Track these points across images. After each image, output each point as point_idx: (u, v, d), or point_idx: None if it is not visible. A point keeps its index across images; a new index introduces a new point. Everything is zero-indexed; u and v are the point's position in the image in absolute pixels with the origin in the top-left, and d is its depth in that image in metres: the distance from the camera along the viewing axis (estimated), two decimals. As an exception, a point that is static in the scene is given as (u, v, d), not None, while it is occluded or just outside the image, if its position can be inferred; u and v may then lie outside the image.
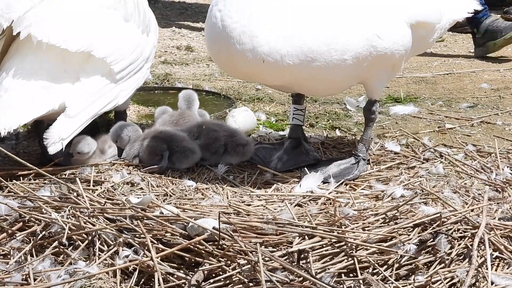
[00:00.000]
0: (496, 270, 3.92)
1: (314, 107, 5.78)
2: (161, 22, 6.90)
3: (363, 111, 4.82)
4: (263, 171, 4.64)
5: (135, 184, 4.43)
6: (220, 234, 3.75)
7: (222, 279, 3.69)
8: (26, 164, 4.32)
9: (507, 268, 3.97)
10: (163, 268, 3.73)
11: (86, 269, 3.76)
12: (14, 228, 4.04)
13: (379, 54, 4.44)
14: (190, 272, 3.73)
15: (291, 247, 3.81)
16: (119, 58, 4.69)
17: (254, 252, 3.69)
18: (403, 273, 3.88)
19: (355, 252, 3.84)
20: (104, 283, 3.72)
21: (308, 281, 3.67)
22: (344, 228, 3.95)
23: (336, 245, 3.86)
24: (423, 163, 4.81)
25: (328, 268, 3.79)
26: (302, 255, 3.80)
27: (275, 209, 4.21)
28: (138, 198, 4.13)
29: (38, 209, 4.09)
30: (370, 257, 3.85)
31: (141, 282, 3.75)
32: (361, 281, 3.77)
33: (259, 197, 4.39)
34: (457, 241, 3.98)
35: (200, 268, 3.72)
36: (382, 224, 4.02)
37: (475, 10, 5.15)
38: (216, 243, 3.77)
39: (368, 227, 3.99)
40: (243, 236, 3.80)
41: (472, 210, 4.13)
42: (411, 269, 3.89)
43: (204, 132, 4.71)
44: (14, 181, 4.36)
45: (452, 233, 3.99)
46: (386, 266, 3.85)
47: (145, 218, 3.92)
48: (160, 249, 3.80)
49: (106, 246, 3.87)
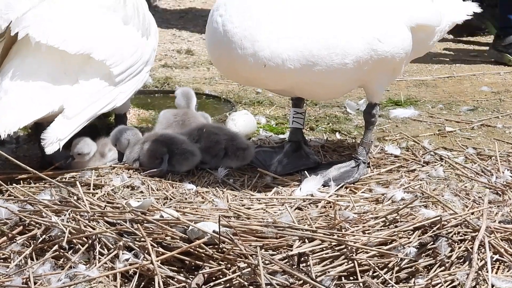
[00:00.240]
0: (496, 273, 3.93)
1: (314, 111, 5.79)
2: (161, 26, 6.90)
3: (363, 114, 4.82)
4: (263, 175, 4.64)
5: (135, 188, 4.43)
6: (220, 237, 3.76)
7: (222, 282, 3.70)
8: (26, 168, 4.31)
9: (508, 271, 3.97)
10: (163, 272, 3.73)
11: (86, 272, 3.77)
12: (14, 231, 4.04)
13: (380, 57, 4.44)
14: (190, 276, 3.74)
15: (291, 250, 3.81)
16: (119, 60, 4.68)
17: (254, 256, 3.69)
18: (403, 276, 3.88)
19: (355, 255, 3.85)
20: (105, 286, 3.73)
21: (308, 284, 3.68)
22: (344, 231, 3.96)
23: (336, 248, 3.86)
24: (423, 166, 4.82)
25: (328, 271, 3.80)
26: (302, 258, 3.81)
27: (275, 212, 4.22)
28: (138, 201, 4.13)
29: (38, 212, 4.09)
30: (370, 260, 3.85)
31: (141, 286, 3.76)
32: (361, 284, 3.78)
33: (259, 200, 4.39)
34: (457, 244, 3.98)
35: (200, 272, 3.72)
36: (382, 227, 4.02)
37: (474, 12, 5.16)
38: (216, 246, 3.78)
39: (368, 230, 3.99)
40: (243, 240, 3.81)
41: (472, 213, 4.14)
42: (411, 272, 3.90)
43: (205, 135, 4.71)
44: (14, 184, 4.37)
45: (452, 236, 4.00)
46: (386, 269, 3.86)
47: (145, 222, 3.93)
48: (160, 252, 3.80)
49: (106, 250, 3.88)
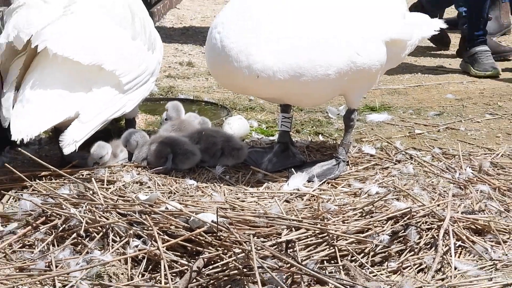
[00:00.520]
0: (459, 257, 3.96)
1: (299, 115, 5.80)
2: (165, 41, 6.89)
3: (343, 118, 4.84)
4: (256, 172, 4.65)
5: (144, 183, 4.45)
6: (218, 226, 3.78)
7: (220, 266, 3.71)
8: (47, 166, 4.36)
9: (469, 256, 4.00)
10: (168, 256, 3.76)
11: (101, 257, 3.79)
12: (38, 222, 4.07)
13: (358, 69, 4.45)
14: (192, 260, 3.76)
15: (280, 238, 3.83)
16: (127, 71, 4.67)
17: (247, 242, 3.71)
18: (378, 260, 3.92)
19: (336, 242, 3.87)
20: (117, 269, 3.74)
21: (294, 267, 3.69)
22: (326, 221, 3.98)
23: (319, 236, 3.88)
24: (395, 164, 4.83)
25: (312, 256, 3.82)
26: (290, 245, 3.84)
27: (266, 204, 4.24)
28: (146, 195, 4.16)
29: (58, 205, 4.12)
30: (349, 246, 3.88)
31: (149, 269, 3.78)
32: (341, 267, 3.80)
33: (252, 194, 4.41)
34: (425, 232, 4.02)
35: (200, 256, 3.74)
36: (360, 218, 4.04)
37: (440, 28, 5.18)
38: (214, 234, 3.80)
39: (347, 220, 4.01)
40: (238, 228, 3.83)
41: (438, 205, 4.17)
42: (385, 256, 3.93)
43: (204, 137, 4.72)
44: (37, 180, 4.38)
45: (420, 225, 4.03)
46: (363, 254, 3.89)
47: (152, 213, 3.95)
48: (166, 239, 3.83)
49: (118, 237, 3.90)
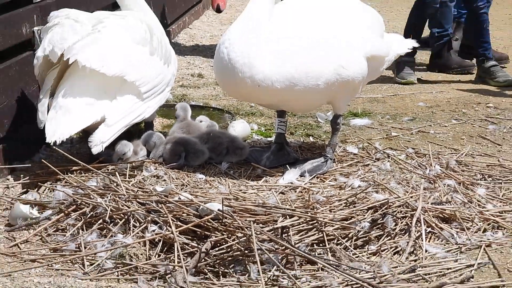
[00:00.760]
0: (429, 242, 3.97)
1: (293, 120, 5.80)
2: (179, 56, 6.90)
3: (330, 123, 4.84)
4: (256, 168, 4.65)
5: (160, 177, 4.43)
6: (223, 214, 3.79)
7: (225, 248, 3.72)
8: (78, 162, 4.36)
9: (437, 240, 4.01)
10: (181, 239, 3.76)
11: (123, 240, 3.81)
12: (69, 209, 4.07)
13: (344, 80, 4.45)
14: (201, 243, 3.76)
15: (276, 224, 3.84)
16: (146, 82, 4.66)
17: (248, 228, 3.71)
18: (360, 243, 3.92)
19: (324, 227, 3.88)
20: (137, 250, 3.76)
21: (289, 249, 3.71)
22: (316, 210, 3.99)
23: (310, 222, 3.89)
24: (375, 161, 4.83)
25: (304, 240, 3.83)
26: (284, 230, 3.84)
27: (264, 196, 4.24)
28: (162, 187, 4.16)
29: (87, 195, 4.12)
30: (335, 231, 3.89)
31: (164, 250, 3.78)
32: (328, 249, 3.81)
33: (252, 186, 4.41)
34: (400, 220, 4.02)
35: (208, 240, 3.75)
36: (344, 207, 4.04)
37: (413, 47, 5.19)
38: (220, 221, 3.80)
39: (334, 209, 4.01)
40: (240, 216, 3.84)
41: (411, 197, 4.17)
42: (366, 240, 3.93)
43: (211, 138, 4.72)
44: (69, 174, 4.38)
45: (396, 214, 4.04)
46: (347, 238, 3.89)
47: (167, 202, 3.95)
48: (179, 225, 3.83)
49: (138, 223, 3.90)
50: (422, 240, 3.92)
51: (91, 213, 4.01)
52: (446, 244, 3.97)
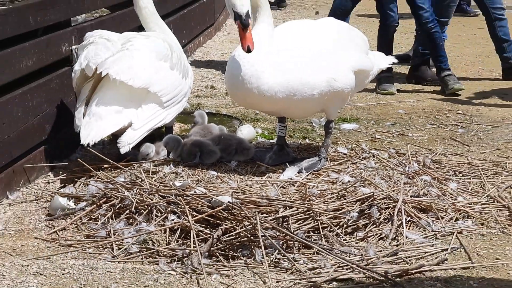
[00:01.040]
0: (409, 229, 3.91)
1: (292, 125, 5.77)
2: (194, 70, 6.88)
3: (324, 127, 4.81)
4: (260, 165, 4.59)
5: (178, 174, 4.39)
6: (232, 205, 3.75)
7: (234, 235, 3.68)
8: (108, 160, 4.34)
9: (416, 228, 3.96)
10: (196, 227, 3.72)
11: (147, 227, 3.78)
12: (100, 201, 4.05)
13: (335, 91, 4.42)
14: (213, 230, 3.72)
15: (278, 214, 3.80)
16: (166, 93, 4.64)
17: (254, 217, 3.68)
18: (349, 231, 3.87)
19: (319, 217, 3.84)
20: (158, 237, 3.73)
21: (288, 236, 3.67)
22: (312, 201, 3.94)
23: (307, 212, 3.85)
24: (362, 160, 4.77)
25: (302, 228, 3.79)
26: (285, 219, 3.80)
27: (267, 189, 4.19)
28: (180, 182, 4.12)
29: (116, 189, 4.09)
30: (328, 220, 3.84)
31: (182, 236, 3.75)
32: (322, 236, 3.77)
33: (257, 182, 4.36)
34: (384, 210, 3.97)
35: (219, 227, 3.71)
36: (336, 199, 4.00)
37: (393, 62, 5.16)
38: (230, 211, 3.76)
39: (327, 201, 3.97)
40: (247, 207, 3.79)
41: (393, 191, 4.12)
42: (354, 228, 3.88)
43: (222, 140, 4.68)
44: (101, 171, 4.35)
45: (380, 205, 3.99)
46: (338, 226, 3.85)
47: (184, 195, 3.91)
48: (194, 215, 3.79)
49: (159, 213, 3.87)
50: (403, 228, 3.87)
51: (119, 204, 3.98)
52: (423, 231, 3.92)
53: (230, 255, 3.63)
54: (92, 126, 4.37)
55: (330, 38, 4.51)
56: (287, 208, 3.84)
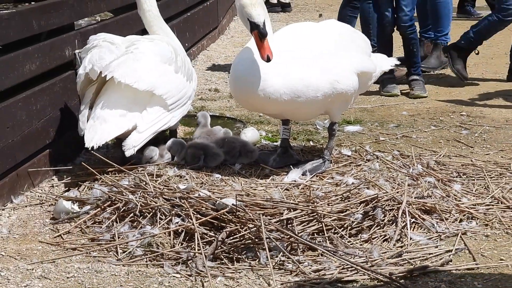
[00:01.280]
0: (413, 230, 3.91)
1: (295, 127, 5.77)
2: (198, 74, 6.89)
3: (327, 129, 4.79)
4: (264, 168, 4.59)
5: (182, 177, 4.39)
6: (237, 208, 3.75)
7: (238, 237, 3.68)
8: (112, 164, 4.34)
9: (420, 229, 3.96)
10: (200, 230, 3.72)
11: (151, 230, 3.77)
12: (105, 205, 4.04)
13: (338, 92, 4.42)
14: (218, 232, 3.72)
15: (282, 216, 3.79)
16: (171, 95, 4.63)
17: (258, 219, 3.67)
18: (354, 232, 3.86)
19: (323, 219, 3.83)
20: (163, 239, 3.73)
21: (293, 238, 3.67)
22: (316, 204, 3.94)
23: (311, 215, 3.84)
24: (366, 162, 4.76)
25: (306, 230, 3.78)
26: (289, 221, 3.80)
27: (272, 192, 4.18)
28: (184, 185, 4.12)
29: (120, 192, 4.09)
30: (332, 222, 3.84)
31: (186, 239, 3.74)
32: (327, 237, 3.77)
33: (261, 184, 4.35)
34: (388, 212, 3.96)
35: (224, 230, 3.71)
36: (340, 201, 4.00)
37: (395, 64, 5.15)
38: (234, 214, 3.76)
39: (331, 203, 3.97)
40: (251, 209, 3.79)
41: (397, 192, 4.11)
42: (359, 230, 3.87)
43: (226, 143, 4.67)
44: (105, 174, 4.35)
45: (384, 207, 3.98)
46: (342, 228, 3.84)
47: (189, 198, 3.91)
48: (198, 217, 3.78)
49: (164, 216, 3.86)
50: (407, 229, 3.86)
51: (124, 207, 3.97)
52: (427, 233, 3.91)
53: (234, 258, 3.62)
54: (97, 129, 4.37)
55: (332, 41, 4.50)
56: (291, 210, 3.83)
